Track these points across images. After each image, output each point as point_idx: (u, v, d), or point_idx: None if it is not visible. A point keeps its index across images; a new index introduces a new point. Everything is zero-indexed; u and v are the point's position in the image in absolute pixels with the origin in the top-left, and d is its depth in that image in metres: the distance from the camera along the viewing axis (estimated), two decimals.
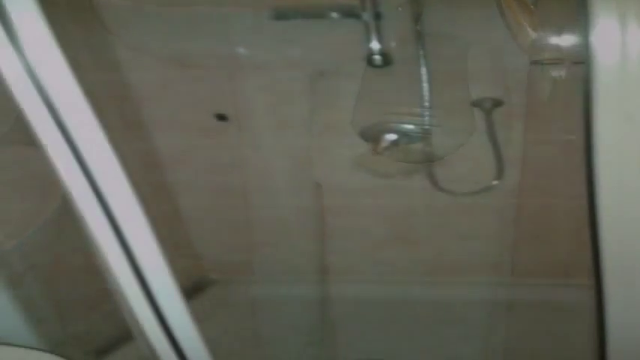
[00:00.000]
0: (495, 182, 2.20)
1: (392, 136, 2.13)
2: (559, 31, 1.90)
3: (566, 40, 1.92)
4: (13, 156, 1.73)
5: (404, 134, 2.14)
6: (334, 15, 1.94)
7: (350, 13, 1.93)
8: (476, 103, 2.06)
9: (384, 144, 2.12)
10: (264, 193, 2.39)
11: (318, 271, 2.58)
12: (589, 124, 0.91)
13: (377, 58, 1.95)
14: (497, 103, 2.05)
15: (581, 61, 0.90)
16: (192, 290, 2.51)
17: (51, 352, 1.37)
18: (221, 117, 2.22)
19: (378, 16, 1.92)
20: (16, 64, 0.78)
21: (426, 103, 2.03)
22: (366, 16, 1.90)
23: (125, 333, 1.80)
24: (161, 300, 1.00)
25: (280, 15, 1.97)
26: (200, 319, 1.06)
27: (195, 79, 2.16)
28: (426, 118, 2.06)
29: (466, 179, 2.24)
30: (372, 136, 2.16)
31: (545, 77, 1.97)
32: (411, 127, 2.12)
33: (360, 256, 2.52)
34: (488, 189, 2.22)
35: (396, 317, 2.36)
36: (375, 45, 1.94)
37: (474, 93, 2.05)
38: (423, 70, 1.97)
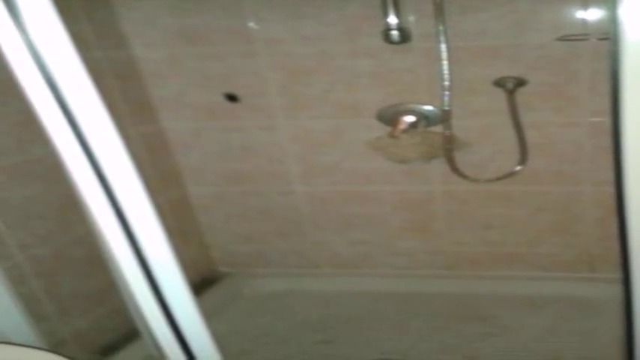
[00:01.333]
0: (519, 168, 2.19)
1: (410, 118, 2.12)
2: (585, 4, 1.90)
3: (593, 14, 1.92)
4: None
5: (422, 116, 2.13)
6: None
7: None
8: (498, 83, 2.05)
9: (401, 126, 2.11)
10: (277, 180, 2.39)
11: (332, 264, 2.58)
12: (617, 105, 0.89)
13: (394, 33, 1.94)
14: (521, 83, 2.04)
15: (608, 37, 0.87)
16: (201, 284, 2.51)
17: (53, 351, 1.36)
18: (231, 97, 2.22)
19: None
20: (17, 40, 0.77)
21: (446, 83, 2.01)
22: None
23: (131, 330, 1.81)
24: (168, 295, 0.98)
25: None
26: (209, 314, 1.04)
27: (205, 56, 2.16)
28: (446, 99, 2.05)
29: (488, 165, 2.23)
30: (389, 118, 2.15)
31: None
32: (429, 108, 2.12)
33: (376, 247, 2.52)
34: (511, 175, 2.21)
35: (414, 313, 2.35)
36: (392, 19, 1.93)
37: (496, 72, 2.04)
38: (443, 47, 1.96)
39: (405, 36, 1.96)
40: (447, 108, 2.06)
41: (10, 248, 1.83)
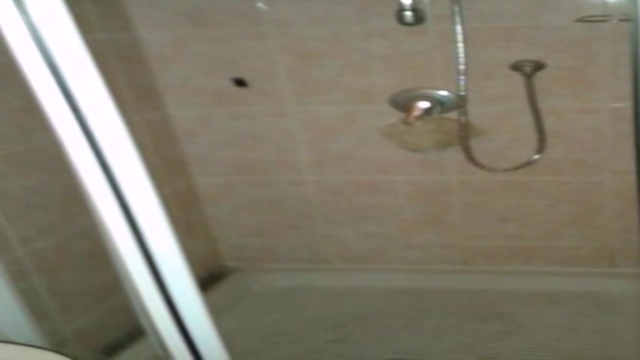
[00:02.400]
0: (537, 156, 2.18)
1: (424, 104, 2.10)
2: None
3: None
4: None
5: (437, 102, 2.11)
6: None
7: None
8: (515, 67, 2.03)
9: (415, 113, 2.09)
10: (287, 169, 2.37)
11: (344, 259, 2.56)
12: (638, 90, 0.86)
13: (408, 14, 1.92)
14: (539, 67, 2.02)
15: (630, 18, 0.84)
16: (208, 279, 2.49)
17: (55, 350, 1.35)
18: (240, 82, 2.20)
19: None
20: (18, 22, 0.76)
21: (462, 66, 2.00)
22: None
23: (135, 328, 1.79)
24: (174, 291, 0.97)
25: None
26: (216, 311, 1.03)
27: (212, 38, 2.14)
28: (462, 84, 2.03)
29: (505, 153, 2.20)
30: (402, 103, 2.13)
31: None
32: (444, 93, 2.09)
33: (389, 241, 2.49)
34: (528, 164, 2.19)
35: (428, 310, 2.33)
36: (406, 0, 1.90)
37: (513, 55, 2.02)
38: (459, 29, 1.94)
39: (419, 17, 1.93)
40: (462, 93, 2.05)
41: (11, 242, 1.81)
